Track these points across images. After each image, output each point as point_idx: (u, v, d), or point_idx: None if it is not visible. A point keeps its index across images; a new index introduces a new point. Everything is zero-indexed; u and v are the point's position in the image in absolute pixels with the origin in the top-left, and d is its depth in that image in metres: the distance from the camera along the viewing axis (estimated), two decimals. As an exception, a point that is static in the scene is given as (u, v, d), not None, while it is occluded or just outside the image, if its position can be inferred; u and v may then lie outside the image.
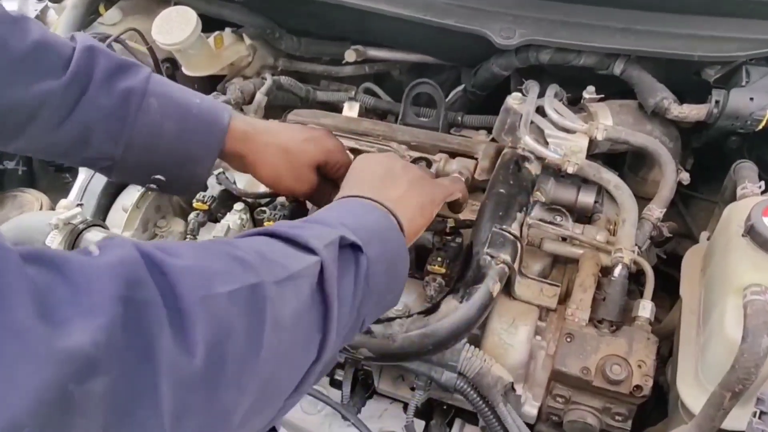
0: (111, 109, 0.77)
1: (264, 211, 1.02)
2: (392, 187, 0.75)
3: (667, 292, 1.04)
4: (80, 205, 1.11)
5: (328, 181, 0.93)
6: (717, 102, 0.99)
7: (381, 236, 0.66)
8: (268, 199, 1.05)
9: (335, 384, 1.05)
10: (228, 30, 1.31)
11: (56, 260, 0.38)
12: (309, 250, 0.56)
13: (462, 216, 0.98)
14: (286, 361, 0.51)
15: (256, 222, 1.05)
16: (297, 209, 1.00)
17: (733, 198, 0.90)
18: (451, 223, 0.96)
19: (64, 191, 1.22)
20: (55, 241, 0.93)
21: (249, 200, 1.06)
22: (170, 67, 1.31)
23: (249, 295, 0.47)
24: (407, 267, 0.71)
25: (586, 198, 0.99)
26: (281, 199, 1.04)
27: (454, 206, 0.92)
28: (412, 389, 0.92)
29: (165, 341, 0.40)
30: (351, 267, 0.60)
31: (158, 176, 0.82)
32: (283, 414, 0.57)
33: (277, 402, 0.53)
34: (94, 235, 0.96)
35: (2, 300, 0.33)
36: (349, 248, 0.61)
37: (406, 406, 0.95)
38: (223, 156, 0.85)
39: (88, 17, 1.32)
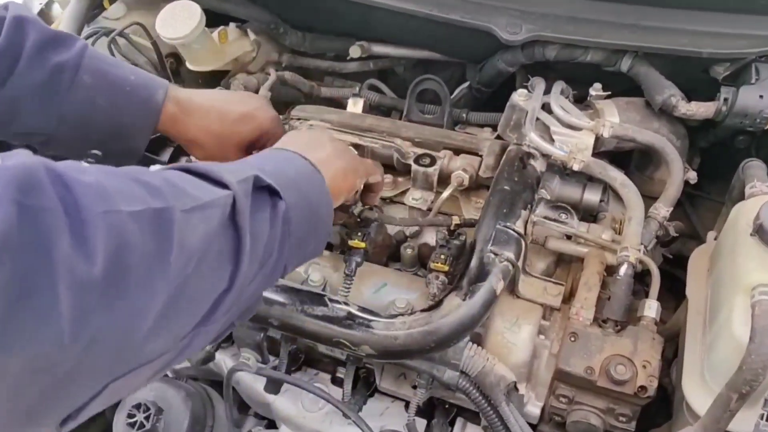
0: (42, 83, 0.77)
1: None
2: (317, 149, 0.74)
3: (673, 294, 1.03)
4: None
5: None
6: (726, 100, 0.98)
7: (301, 184, 0.66)
8: None
9: (336, 382, 1.04)
10: (232, 25, 1.31)
11: None
12: (222, 184, 0.56)
13: (466, 214, 0.97)
14: (193, 283, 0.51)
15: None
16: None
17: (741, 197, 0.89)
18: (456, 220, 0.95)
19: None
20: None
21: None
22: (174, 62, 1.30)
23: (154, 218, 0.47)
24: (331, 215, 0.71)
25: (592, 196, 0.98)
26: None
27: (369, 193, 0.90)
28: (414, 387, 0.91)
29: (63, 246, 0.40)
30: (266, 207, 0.59)
31: (95, 151, 0.82)
32: (196, 346, 0.56)
33: (187, 321, 0.53)
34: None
35: None
36: (266, 190, 0.60)
37: (407, 405, 0.94)
38: (159, 131, 0.86)
39: (92, 11, 1.31)
